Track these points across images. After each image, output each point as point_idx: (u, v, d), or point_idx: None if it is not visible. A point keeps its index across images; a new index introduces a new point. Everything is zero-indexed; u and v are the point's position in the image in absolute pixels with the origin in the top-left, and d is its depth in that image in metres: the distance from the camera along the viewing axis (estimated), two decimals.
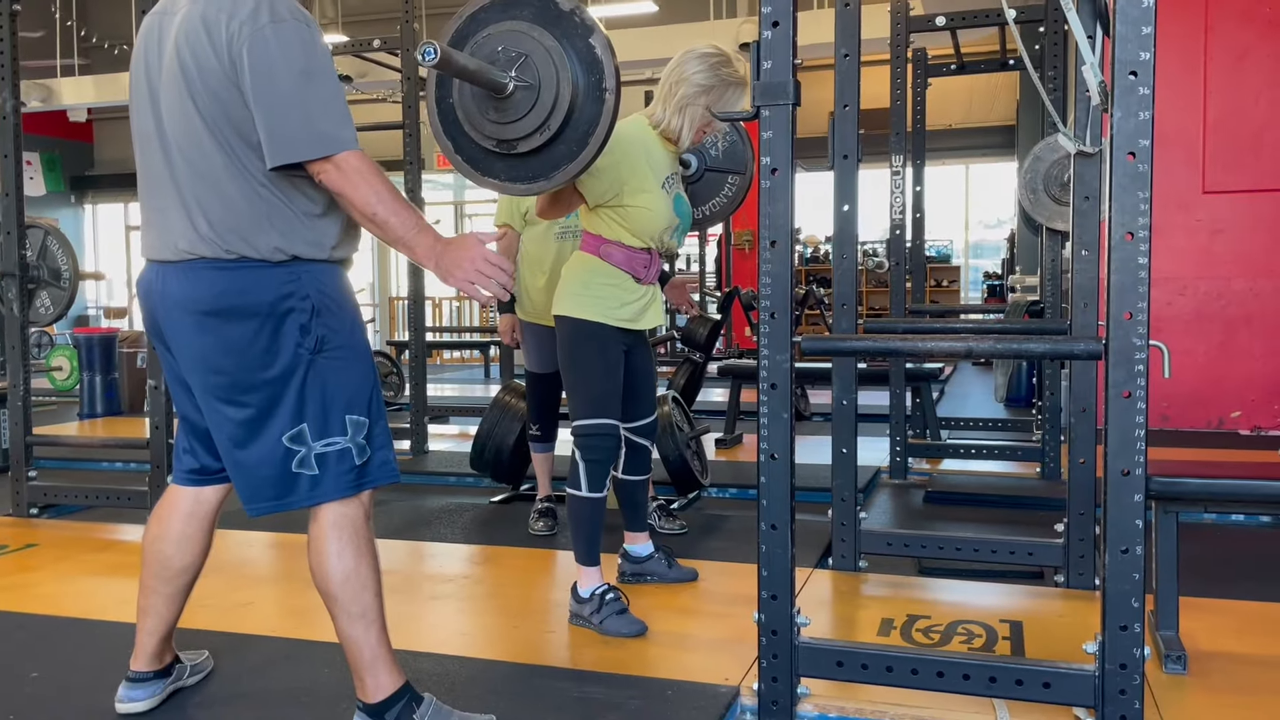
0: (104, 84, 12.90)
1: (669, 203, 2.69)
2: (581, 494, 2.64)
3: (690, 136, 2.70)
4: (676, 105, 2.65)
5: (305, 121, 1.77)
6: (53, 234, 4.20)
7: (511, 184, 2.31)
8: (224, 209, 1.84)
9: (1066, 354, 1.96)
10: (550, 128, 2.18)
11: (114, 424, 6.66)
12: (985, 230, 14.46)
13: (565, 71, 2.16)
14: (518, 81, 2.17)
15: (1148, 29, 1.72)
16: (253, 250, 1.84)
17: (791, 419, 2.00)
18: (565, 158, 2.24)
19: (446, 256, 1.83)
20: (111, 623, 2.67)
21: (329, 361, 1.89)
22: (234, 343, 1.85)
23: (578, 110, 2.19)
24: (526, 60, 2.17)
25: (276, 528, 3.62)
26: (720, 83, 2.63)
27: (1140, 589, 1.79)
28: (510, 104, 2.19)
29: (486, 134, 2.24)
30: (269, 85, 1.77)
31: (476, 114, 2.24)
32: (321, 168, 1.79)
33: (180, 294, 1.88)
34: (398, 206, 1.82)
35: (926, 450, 4.94)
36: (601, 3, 12.36)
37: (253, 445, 1.89)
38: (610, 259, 2.66)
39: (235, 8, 1.80)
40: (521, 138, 2.21)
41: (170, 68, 1.86)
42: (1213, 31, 5.91)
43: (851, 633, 2.64)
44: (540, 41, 2.16)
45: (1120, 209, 1.74)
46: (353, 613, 1.91)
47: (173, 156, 1.87)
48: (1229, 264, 5.98)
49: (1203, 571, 2.99)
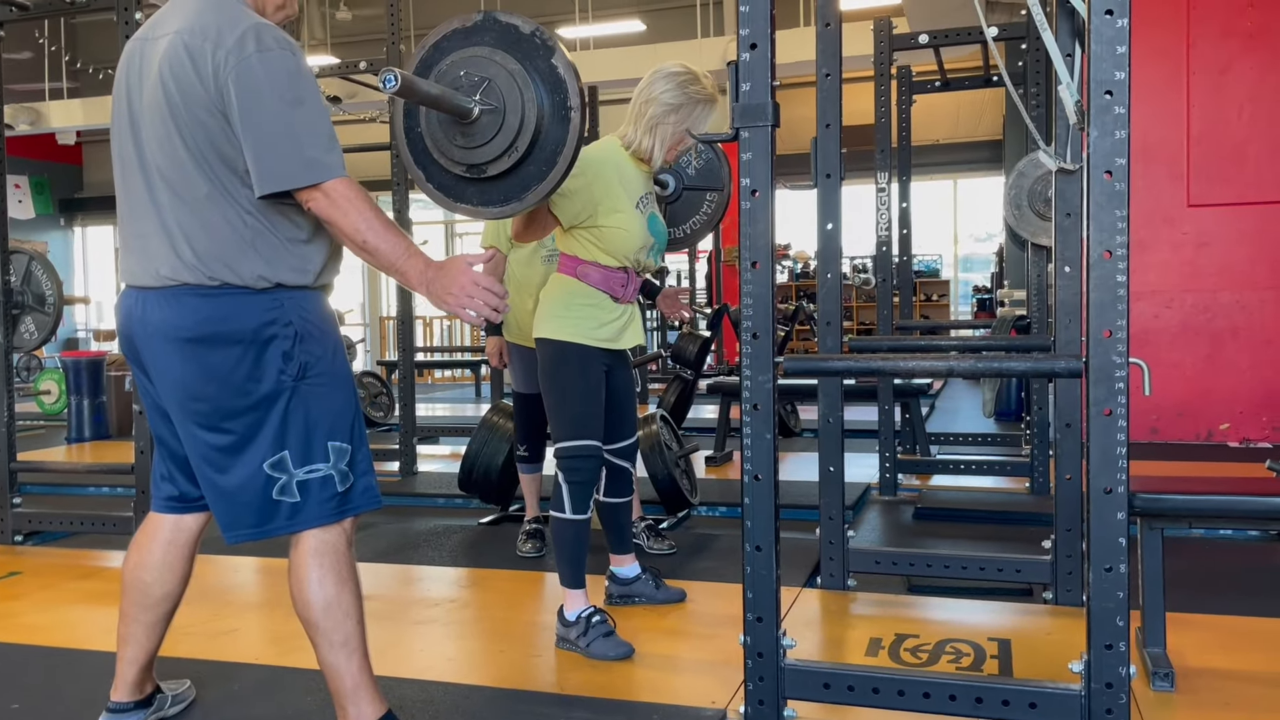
0: (92, 107, 12.92)
1: (643, 222, 2.69)
2: (565, 516, 2.63)
3: (662, 155, 2.70)
4: (647, 125, 2.66)
5: (293, 149, 1.77)
6: (37, 259, 4.19)
7: (484, 208, 2.31)
8: (207, 236, 1.83)
9: (1047, 372, 1.96)
10: (518, 149, 2.19)
11: (101, 448, 6.62)
12: (975, 244, 14.53)
13: (529, 93, 2.17)
14: (482, 105, 2.18)
15: (1122, 48, 1.72)
16: (236, 277, 1.84)
17: (775, 440, 1.99)
18: (535, 178, 2.25)
19: (438, 281, 1.83)
20: (94, 652, 2.64)
21: (312, 388, 1.88)
22: (216, 370, 1.84)
23: (544, 130, 2.20)
24: (490, 84, 2.18)
25: (260, 553, 3.60)
26: (689, 100, 2.64)
27: (1125, 607, 1.78)
28: (477, 128, 2.20)
29: (456, 160, 2.25)
30: (256, 114, 1.77)
31: (445, 140, 2.25)
32: (310, 195, 1.79)
33: (161, 321, 1.87)
34: (387, 233, 1.81)
35: (916, 466, 4.93)
36: (590, 22, 12.44)
37: (233, 472, 1.87)
38: (587, 279, 2.66)
39: (221, 36, 1.79)
40: (490, 161, 2.22)
41: (153, 94, 1.85)
42: (1194, 46, 5.96)
43: (839, 653, 2.62)
44: (503, 65, 2.17)
45: (1098, 227, 1.74)
46: (334, 641, 1.89)
47: (154, 182, 1.87)
48: (1214, 277, 6.01)
49: (1190, 587, 2.99)
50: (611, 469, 2.82)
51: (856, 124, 4.65)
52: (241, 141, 1.79)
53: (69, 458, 6.39)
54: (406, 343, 5.36)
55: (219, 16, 1.83)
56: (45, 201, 16.02)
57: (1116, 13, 1.72)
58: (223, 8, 1.85)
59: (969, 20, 5.36)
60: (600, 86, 8.80)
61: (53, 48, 12.88)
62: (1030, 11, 2.17)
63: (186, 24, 1.84)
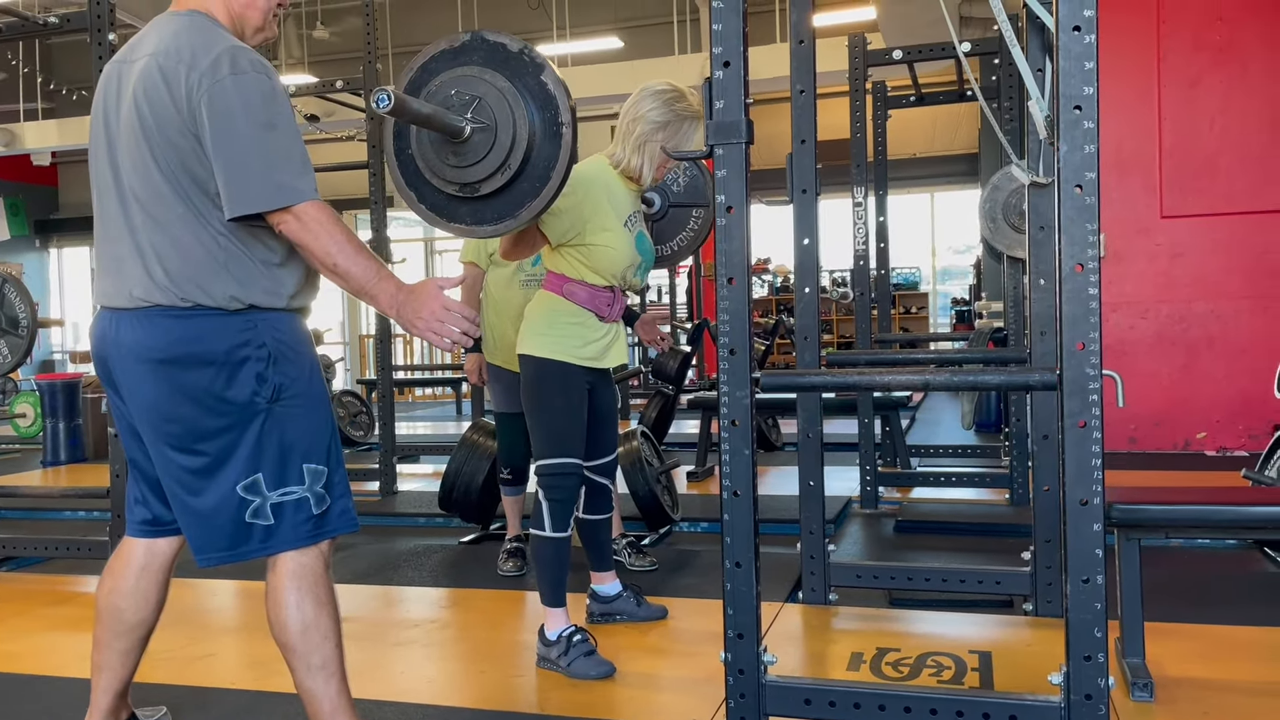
0: (68, 128, 12.83)
1: (631, 241, 2.70)
2: (545, 534, 2.62)
3: (651, 173, 2.71)
4: (635, 143, 2.67)
5: (265, 172, 1.77)
6: (10, 282, 4.15)
7: (478, 226, 2.31)
8: (181, 257, 1.83)
9: (1022, 385, 1.97)
10: (511, 166, 2.19)
11: (77, 471, 6.55)
12: (954, 256, 14.62)
13: (520, 110, 2.18)
14: (474, 124, 2.18)
15: (1090, 64, 1.74)
16: (209, 299, 1.83)
17: (754, 455, 1.99)
18: (528, 195, 2.25)
19: (409, 305, 1.83)
20: (69, 679, 2.60)
21: (286, 410, 1.87)
22: (189, 391, 1.83)
23: (536, 147, 2.20)
24: (481, 103, 2.18)
25: (236, 576, 3.56)
26: (676, 118, 2.65)
27: (1103, 618, 1.79)
28: (469, 147, 2.20)
29: (448, 179, 2.25)
30: (229, 137, 1.76)
31: (436, 160, 2.24)
32: (281, 218, 1.79)
33: (134, 341, 1.86)
34: (359, 256, 1.81)
35: (897, 479, 4.95)
36: (568, 39, 12.47)
37: (205, 494, 1.86)
38: (574, 298, 2.66)
39: (195, 59, 1.79)
40: (483, 179, 2.21)
41: (128, 117, 1.85)
42: (1165, 60, 6.04)
43: (821, 668, 2.62)
44: (493, 84, 2.18)
45: (1069, 241, 1.76)
46: (312, 664, 1.88)
47: (129, 204, 1.86)
48: (1189, 287, 6.07)
49: (1169, 597, 3.01)
50: (591, 486, 2.81)
51: (833, 139, 4.68)
52: (213, 164, 1.78)
53: (44, 481, 6.32)
54: (386, 361, 5.34)
55: (194, 39, 1.82)
56: (20, 223, 15.89)
57: (1084, 29, 1.74)
58: (199, 31, 1.85)
59: (943, 36, 5.42)
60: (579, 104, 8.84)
61: (26, 69, 12.81)
62: (1000, 28, 2.19)
63: (162, 46, 1.83)
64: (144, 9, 11.62)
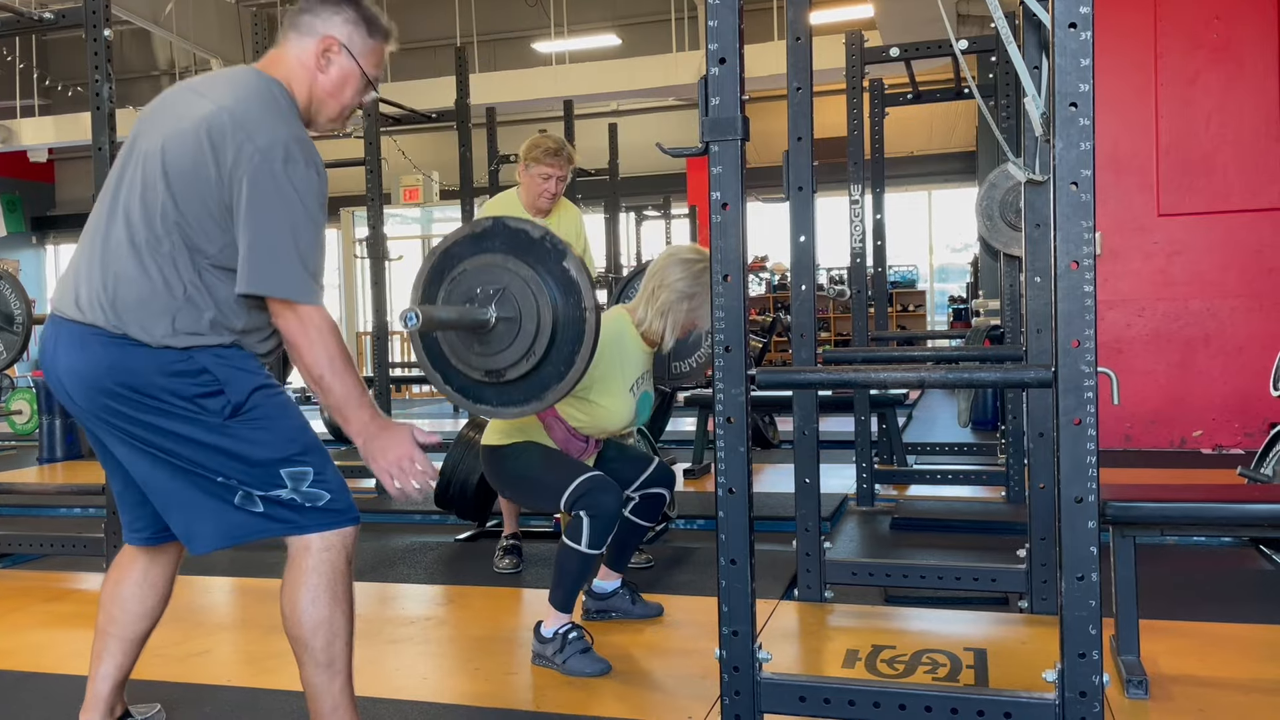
0: (64, 124, 12.82)
1: (633, 406, 2.74)
2: (579, 548, 2.56)
3: (673, 339, 2.75)
4: (659, 310, 2.70)
5: (283, 262, 1.78)
6: (5, 278, 4.14)
7: (503, 408, 2.36)
8: (136, 291, 1.80)
9: (1017, 382, 1.97)
10: (535, 353, 2.24)
11: (74, 468, 6.54)
12: (951, 254, 14.62)
13: (544, 297, 2.23)
14: (499, 315, 2.23)
15: (1086, 61, 1.74)
16: (143, 335, 1.80)
17: (749, 453, 1.99)
18: (553, 379, 2.29)
19: (377, 440, 1.85)
20: (65, 676, 2.60)
21: (245, 424, 1.84)
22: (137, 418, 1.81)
23: (560, 332, 2.25)
24: (505, 292, 2.23)
25: (236, 573, 3.57)
26: (702, 289, 2.66)
27: (1097, 616, 1.79)
28: (494, 336, 2.25)
29: (474, 366, 2.30)
30: (261, 218, 1.77)
31: (463, 349, 2.30)
32: (281, 311, 1.80)
33: (68, 367, 1.84)
34: (345, 375, 1.82)
35: (893, 476, 4.95)
36: (565, 36, 12.47)
37: (187, 493, 1.85)
38: (551, 431, 2.70)
39: (255, 133, 1.78)
40: (509, 366, 2.27)
41: (165, 147, 1.83)
42: (1162, 58, 6.04)
43: (816, 666, 2.62)
44: (516, 272, 2.23)
45: (1064, 238, 1.76)
46: (320, 661, 1.87)
47: (116, 219, 1.85)
48: (1186, 285, 6.07)
49: (1164, 594, 3.01)
50: (646, 498, 2.84)
51: (830, 136, 4.68)
52: (239, 237, 1.78)
53: (40, 478, 6.32)
54: (383, 358, 5.34)
55: (265, 113, 1.82)
56: (17, 220, 15.87)
57: (1080, 26, 1.74)
58: (272, 106, 1.84)
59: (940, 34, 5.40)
60: (576, 100, 8.82)
61: (22, 65, 12.78)
62: (996, 25, 2.19)
63: (234, 104, 1.82)
64: (140, 6, 11.62)
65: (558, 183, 3.68)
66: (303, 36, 1.94)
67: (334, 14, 1.95)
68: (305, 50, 1.94)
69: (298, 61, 1.94)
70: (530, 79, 11.54)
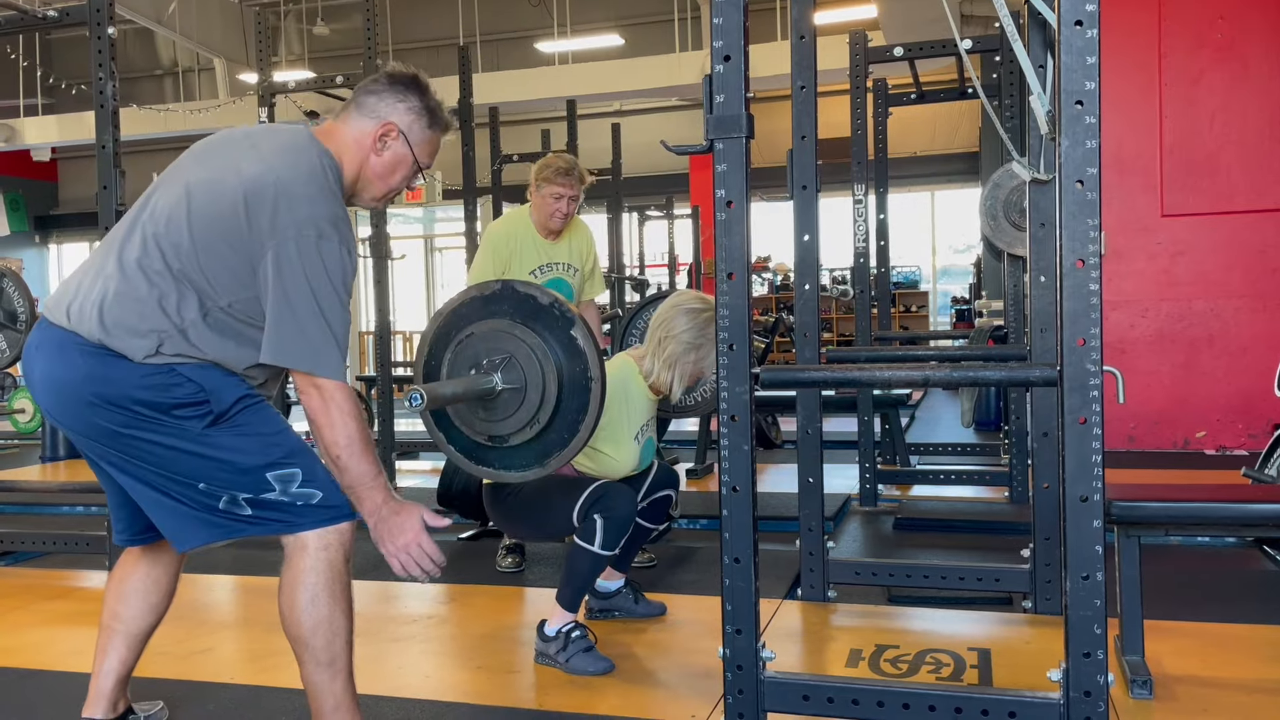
0: (68, 123, 12.83)
1: (638, 453, 2.74)
2: (591, 549, 2.55)
3: (682, 389, 2.74)
4: (665, 361, 2.69)
5: (308, 336, 1.79)
6: (9, 276, 4.14)
7: (505, 472, 2.36)
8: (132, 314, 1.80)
9: (1022, 381, 1.96)
10: (540, 421, 2.25)
11: (76, 466, 6.54)
12: (954, 255, 14.61)
13: (549, 365, 2.23)
14: (505, 385, 2.23)
15: (1092, 59, 1.74)
16: (128, 351, 1.80)
17: (753, 451, 1.98)
18: (557, 445, 2.30)
19: (388, 523, 1.86)
20: (67, 673, 2.60)
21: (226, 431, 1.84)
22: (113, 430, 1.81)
23: (565, 400, 2.25)
24: (511, 360, 2.23)
25: (235, 571, 3.57)
26: (708, 341, 2.64)
27: (1102, 615, 1.79)
28: (499, 403, 2.26)
29: (478, 430, 2.30)
30: (289, 290, 1.78)
31: (467, 414, 2.30)
32: (305, 386, 1.81)
33: (45, 371, 1.84)
34: (364, 457, 1.83)
35: (896, 476, 4.94)
36: (568, 36, 12.47)
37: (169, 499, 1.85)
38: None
39: (295, 204, 1.80)
40: (513, 433, 2.27)
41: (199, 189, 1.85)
42: (1166, 58, 6.03)
43: (820, 665, 2.62)
44: (523, 340, 2.23)
45: (1070, 236, 1.75)
46: (320, 660, 1.87)
47: (131, 243, 1.85)
48: (1190, 285, 6.06)
49: (1168, 593, 3.00)
50: (653, 502, 2.84)
51: (833, 136, 4.67)
52: (265, 307, 1.80)
53: (43, 476, 6.32)
54: (385, 357, 5.34)
55: (310, 186, 1.83)
56: (20, 218, 15.88)
57: (1086, 23, 1.73)
58: (318, 180, 1.85)
59: (944, 33, 5.40)
60: (579, 100, 8.82)
61: (26, 64, 12.80)
62: (1001, 24, 2.18)
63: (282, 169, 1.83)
64: (144, 5, 11.64)
65: (569, 203, 3.63)
66: (364, 117, 1.96)
67: (399, 101, 1.96)
68: (364, 131, 1.95)
69: (354, 140, 1.95)
70: (533, 79, 11.55)
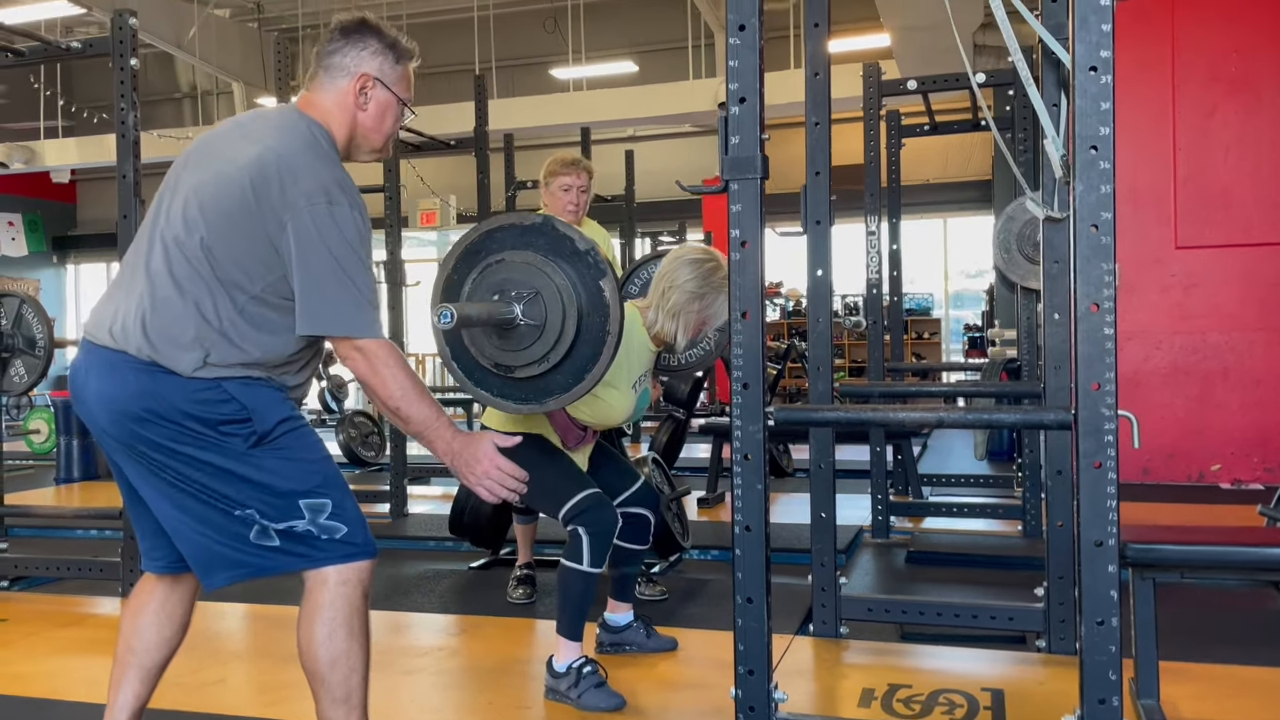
0: (86, 146, 12.94)
1: (633, 402, 2.74)
2: (580, 568, 2.57)
3: (686, 340, 2.75)
4: (669, 312, 2.70)
5: (339, 301, 1.82)
6: (28, 302, 4.18)
7: (504, 401, 2.37)
8: (170, 320, 1.83)
9: (1036, 424, 1.96)
10: (550, 360, 2.25)
11: (90, 489, 6.58)
12: (966, 280, 14.57)
13: (572, 310, 2.23)
14: (525, 319, 2.24)
15: (1106, 104, 1.74)
16: (176, 365, 1.82)
17: (766, 490, 1.99)
18: (560, 388, 2.30)
19: (463, 456, 1.92)
20: (80, 704, 2.61)
21: (268, 454, 1.86)
22: (161, 444, 1.83)
23: (578, 347, 2.26)
24: (537, 296, 2.23)
25: (248, 600, 3.56)
26: (711, 290, 2.66)
27: (1118, 661, 1.78)
28: (515, 335, 2.26)
29: (486, 355, 2.31)
30: (312, 261, 1.81)
31: (480, 337, 2.31)
32: (348, 351, 1.84)
33: (99, 390, 1.86)
34: (421, 402, 1.87)
35: (909, 508, 4.93)
36: (583, 63, 12.55)
37: (201, 525, 1.86)
38: (551, 418, 2.69)
39: (299, 177, 1.82)
40: (520, 366, 2.28)
41: (205, 186, 1.87)
42: (1180, 90, 6.04)
43: (832, 704, 2.60)
44: (552, 279, 2.23)
45: (1084, 280, 1.76)
46: (336, 696, 1.87)
47: (155, 248, 1.88)
48: (1203, 318, 6.04)
49: (1183, 635, 2.98)
50: (626, 517, 2.81)
51: (846, 164, 4.69)
52: (293, 283, 1.83)
53: (57, 499, 6.35)
54: None
55: (308, 156, 1.86)
56: (38, 239, 16.02)
57: (1100, 70, 1.74)
58: (315, 149, 1.89)
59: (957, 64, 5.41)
60: (593, 126, 8.86)
61: (48, 92, 12.95)
62: (1015, 65, 2.19)
63: (278, 145, 1.86)
64: (164, 30, 11.77)
65: (578, 193, 3.69)
66: (336, 77, 1.98)
67: (361, 49, 1.98)
68: (341, 90, 1.97)
69: (334, 103, 1.97)
70: (548, 105, 11.61)
